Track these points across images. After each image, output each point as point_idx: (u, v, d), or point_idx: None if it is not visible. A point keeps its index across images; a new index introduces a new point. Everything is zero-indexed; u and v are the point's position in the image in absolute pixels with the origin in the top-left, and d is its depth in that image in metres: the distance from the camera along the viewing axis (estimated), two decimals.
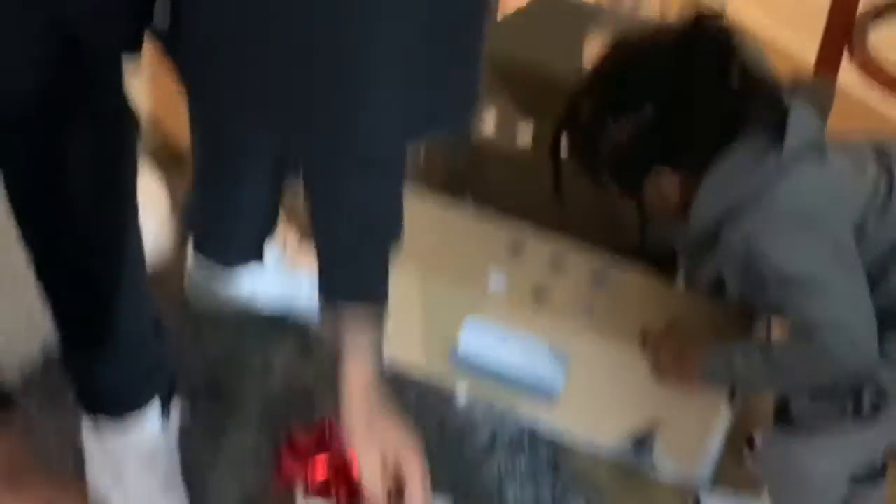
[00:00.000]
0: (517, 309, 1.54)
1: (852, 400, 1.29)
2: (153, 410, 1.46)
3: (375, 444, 1.19)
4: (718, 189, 1.28)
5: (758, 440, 1.60)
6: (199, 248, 1.81)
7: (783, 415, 1.40)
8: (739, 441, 1.64)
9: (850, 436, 1.32)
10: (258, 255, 1.80)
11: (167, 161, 2.02)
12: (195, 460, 1.57)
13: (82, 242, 1.30)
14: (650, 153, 1.30)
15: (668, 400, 1.48)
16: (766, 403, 1.55)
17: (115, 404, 1.44)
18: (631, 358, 1.47)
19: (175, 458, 1.52)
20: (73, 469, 1.51)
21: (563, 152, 1.41)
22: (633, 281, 1.56)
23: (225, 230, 1.79)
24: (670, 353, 1.43)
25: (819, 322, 1.24)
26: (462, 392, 1.69)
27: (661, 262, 1.59)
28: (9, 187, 1.23)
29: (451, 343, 1.56)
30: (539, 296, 1.55)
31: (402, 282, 1.35)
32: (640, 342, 1.45)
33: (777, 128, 1.26)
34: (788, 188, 1.25)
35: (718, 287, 1.36)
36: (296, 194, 1.60)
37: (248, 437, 1.64)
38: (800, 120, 1.27)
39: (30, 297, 1.35)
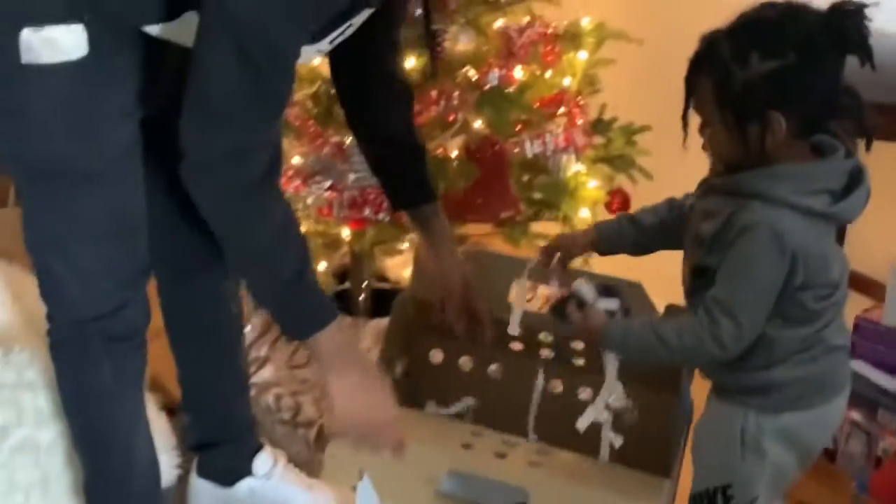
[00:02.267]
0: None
1: None
2: None
3: None
4: (780, 180, 1.46)
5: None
6: (201, 472, 2.00)
7: None
8: None
9: None
10: (250, 471, 1.97)
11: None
12: None
13: None
14: (776, 96, 1.43)
15: None
16: None
17: None
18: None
19: None
20: None
21: None
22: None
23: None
24: (585, 323, 1.62)
25: (735, 311, 1.45)
26: None
27: None
28: None
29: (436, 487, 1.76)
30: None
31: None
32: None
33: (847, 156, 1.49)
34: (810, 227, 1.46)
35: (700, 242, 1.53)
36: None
37: None
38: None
39: None
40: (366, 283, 2.45)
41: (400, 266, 2.54)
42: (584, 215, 2.31)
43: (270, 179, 1.52)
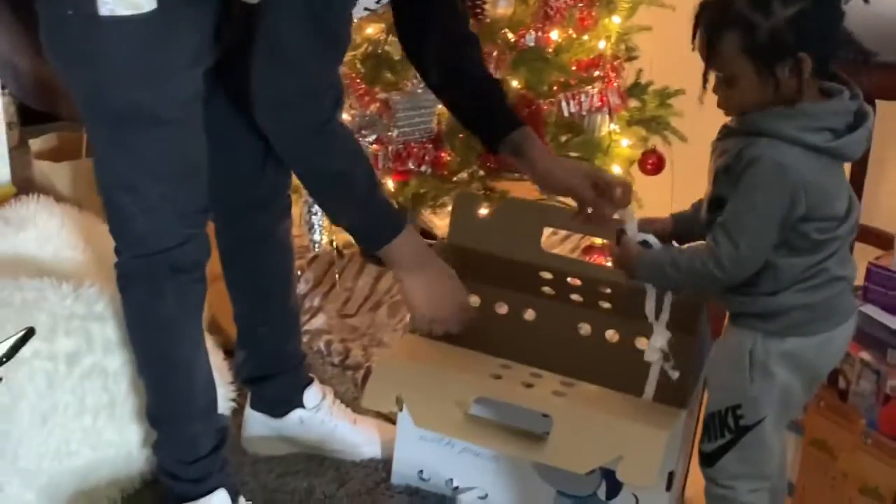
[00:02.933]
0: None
1: None
2: None
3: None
4: (787, 118, 1.56)
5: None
6: (254, 405, 2.16)
7: None
8: None
9: None
10: (301, 403, 2.13)
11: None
12: None
13: None
14: (801, 38, 1.53)
15: (625, 438, 1.80)
16: None
17: None
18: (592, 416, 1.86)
19: None
20: None
21: None
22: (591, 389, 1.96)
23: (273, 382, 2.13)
24: (620, 252, 1.73)
25: (735, 234, 1.57)
26: (464, 496, 2.06)
27: None
28: None
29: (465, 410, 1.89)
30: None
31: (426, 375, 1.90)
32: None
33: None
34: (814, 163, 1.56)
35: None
36: None
37: None
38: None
39: None
40: None
41: (444, 220, 2.67)
42: (617, 171, 2.44)
43: (337, 114, 1.74)
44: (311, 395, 2.14)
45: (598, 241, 2.55)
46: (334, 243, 2.55)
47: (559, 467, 1.87)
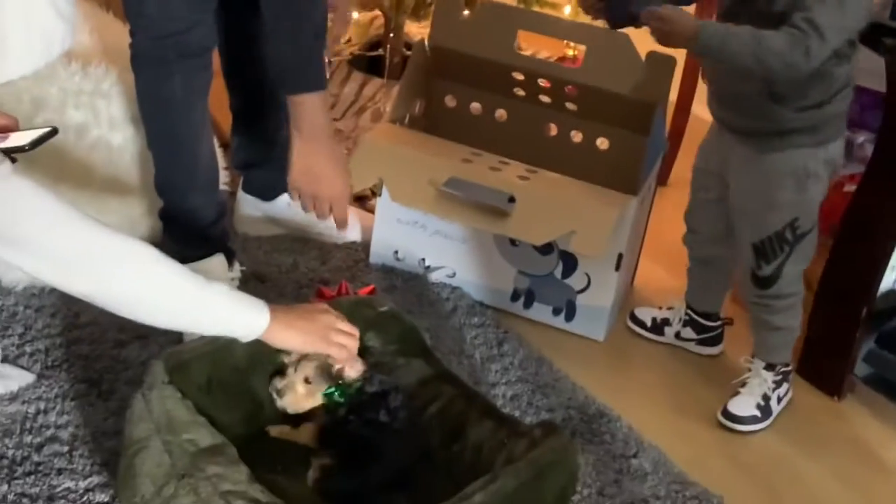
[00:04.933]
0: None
1: None
2: None
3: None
4: None
5: None
6: (245, 188, 2.35)
7: None
8: None
9: None
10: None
11: None
12: None
13: None
14: None
15: (579, 215, 2.00)
16: None
17: None
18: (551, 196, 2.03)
19: None
20: None
21: None
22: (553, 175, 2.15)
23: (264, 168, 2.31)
24: (670, 21, 1.76)
25: (821, 28, 1.66)
26: (434, 274, 2.26)
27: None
28: None
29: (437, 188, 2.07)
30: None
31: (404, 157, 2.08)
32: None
33: None
34: None
35: None
36: None
37: (286, 302, 2.09)
38: None
39: None
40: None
41: (424, 30, 2.82)
42: None
43: None
44: None
45: (571, 52, 2.72)
46: None
47: (519, 238, 2.08)
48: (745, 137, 1.89)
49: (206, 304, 1.44)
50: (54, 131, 1.68)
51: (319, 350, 1.55)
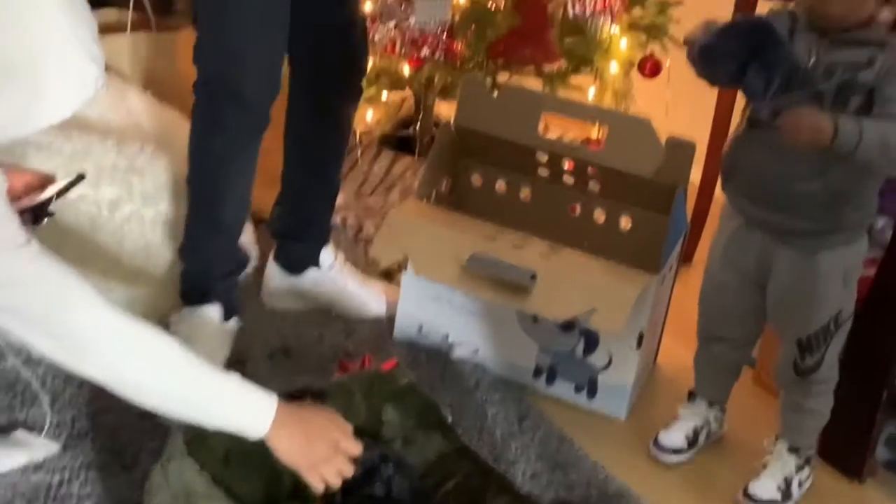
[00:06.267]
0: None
1: None
2: None
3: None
4: None
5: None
6: (277, 257, 2.38)
7: None
8: None
9: None
10: (317, 263, 2.35)
11: None
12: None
13: None
14: None
15: (600, 292, 2.03)
16: None
17: None
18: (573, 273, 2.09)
19: None
20: None
21: None
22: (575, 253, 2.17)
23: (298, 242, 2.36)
24: (808, 119, 1.70)
25: None
26: (458, 350, 2.29)
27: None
28: None
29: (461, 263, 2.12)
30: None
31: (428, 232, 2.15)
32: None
33: None
34: None
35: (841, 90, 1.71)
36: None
37: (309, 378, 2.10)
38: None
39: None
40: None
41: (452, 108, 2.88)
42: (614, 69, 2.64)
43: None
44: (326, 255, 2.37)
45: (595, 133, 2.76)
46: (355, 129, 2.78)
47: (540, 315, 2.11)
48: (793, 238, 1.85)
49: (213, 404, 1.47)
50: (81, 177, 1.71)
51: (308, 479, 1.56)
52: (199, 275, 2.15)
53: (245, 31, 1.93)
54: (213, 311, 2.15)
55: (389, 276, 2.52)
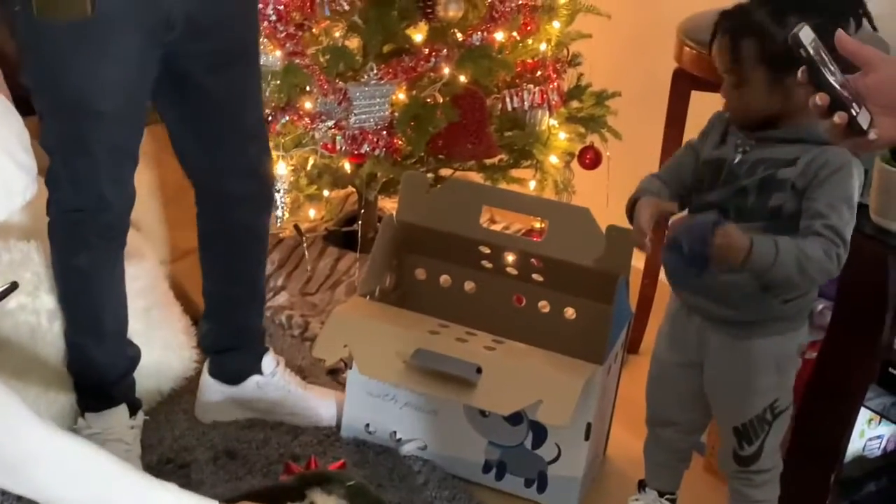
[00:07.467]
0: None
1: None
2: None
3: None
4: None
5: None
6: (212, 373, 2.32)
7: None
8: None
9: None
10: (258, 370, 2.30)
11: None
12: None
13: None
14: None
15: (545, 385, 2.03)
16: None
17: None
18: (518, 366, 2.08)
19: None
20: None
21: None
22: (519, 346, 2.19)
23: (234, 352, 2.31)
24: (730, 239, 1.69)
25: (845, 236, 1.69)
26: (406, 447, 2.27)
27: None
28: None
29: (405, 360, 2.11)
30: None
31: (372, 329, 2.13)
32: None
33: None
34: None
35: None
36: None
37: (255, 480, 2.15)
38: None
39: None
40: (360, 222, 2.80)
41: (394, 203, 2.89)
42: (554, 161, 2.68)
43: None
44: (268, 362, 2.31)
45: (538, 224, 2.78)
46: (299, 226, 2.77)
47: (487, 409, 2.10)
48: (723, 325, 1.86)
49: None
50: (14, 285, 1.68)
51: None
52: (95, 386, 2.12)
53: (97, 170, 1.93)
54: (118, 413, 2.13)
55: (336, 373, 2.50)
